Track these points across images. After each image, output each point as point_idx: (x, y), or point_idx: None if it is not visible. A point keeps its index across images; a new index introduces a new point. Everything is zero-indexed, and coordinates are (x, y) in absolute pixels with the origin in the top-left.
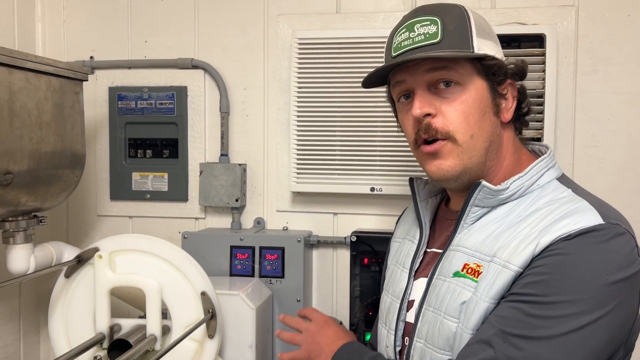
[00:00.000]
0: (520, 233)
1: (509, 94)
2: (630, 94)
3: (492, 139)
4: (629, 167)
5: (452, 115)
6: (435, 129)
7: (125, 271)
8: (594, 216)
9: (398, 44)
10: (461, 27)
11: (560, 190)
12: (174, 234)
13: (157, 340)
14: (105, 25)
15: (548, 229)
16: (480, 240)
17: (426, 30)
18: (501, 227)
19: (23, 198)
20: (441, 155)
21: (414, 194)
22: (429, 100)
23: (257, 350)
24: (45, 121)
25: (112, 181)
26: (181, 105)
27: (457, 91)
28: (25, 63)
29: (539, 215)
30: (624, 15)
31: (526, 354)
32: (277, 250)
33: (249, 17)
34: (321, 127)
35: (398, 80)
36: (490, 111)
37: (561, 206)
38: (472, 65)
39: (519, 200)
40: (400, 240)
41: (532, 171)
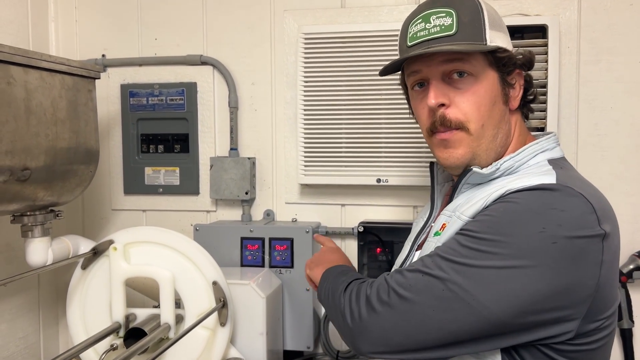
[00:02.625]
0: (484, 192)
1: (517, 83)
2: (633, 83)
3: (500, 126)
4: (632, 155)
5: (465, 106)
6: (449, 120)
7: (140, 262)
8: (550, 178)
9: (414, 33)
10: (475, 20)
11: (542, 167)
12: (186, 227)
13: (170, 329)
14: (116, 24)
15: (505, 186)
16: (458, 204)
17: (442, 22)
18: (480, 192)
19: (40, 193)
20: (453, 144)
21: (433, 177)
22: (443, 91)
23: (267, 337)
24: (60, 118)
25: (125, 176)
26: (191, 101)
27: (470, 82)
28: (40, 63)
29: (506, 179)
30: (627, 4)
31: (447, 276)
32: (286, 241)
33: (256, 13)
34: (327, 121)
35: (414, 70)
36: (500, 100)
37: (527, 174)
38: (485, 58)
39: (506, 177)
40: (416, 222)
41: (525, 152)
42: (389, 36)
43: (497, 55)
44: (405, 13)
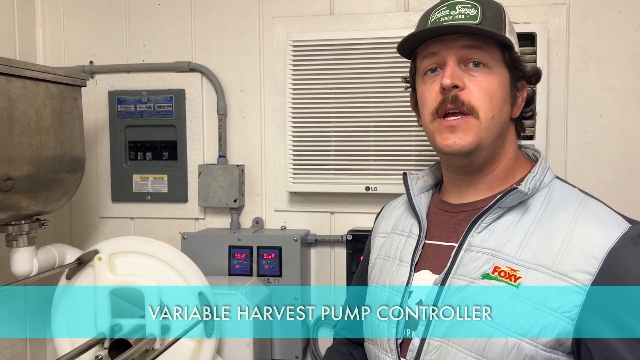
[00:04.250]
0: (552, 238)
1: (522, 93)
2: (622, 91)
3: (504, 127)
4: (621, 163)
5: (479, 93)
6: (462, 100)
7: (125, 273)
8: (612, 213)
9: (437, 18)
10: (498, 18)
11: (565, 186)
12: (174, 234)
13: (156, 340)
14: (104, 30)
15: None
16: (507, 242)
17: (467, 12)
18: (525, 229)
19: (24, 203)
20: (462, 130)
21: (408, 189)
22: (459, 74)
23: (254, 347)
24: (44, 127)
25: (113, 183)
26: (179, 108)
27: (485, 72)
28: (23, 72)
29: (561, 216)
30: (615, 12)
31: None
32: (274, 250)
33: (245, 20)
34: (316, 128)
35: (432, 51)
36: (508, 101)
37: (580, 208)
38: (501, 54)
39: (532, 198)
40: (386, 235)
41: (540, 170)
42: (377, 44)
43: (513, 55)
44: (394, 20)
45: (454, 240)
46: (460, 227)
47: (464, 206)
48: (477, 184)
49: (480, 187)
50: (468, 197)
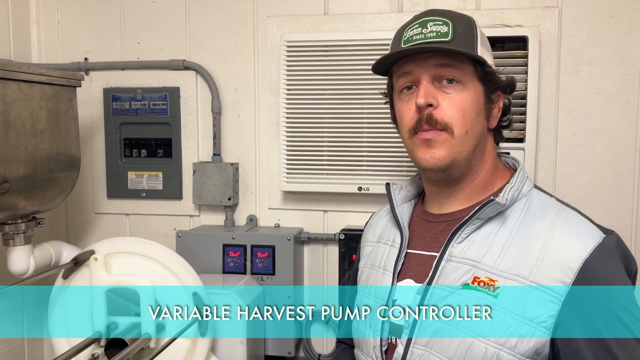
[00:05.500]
0: (530, 248)
1: (497, 103)
2: (611, 94)
3: (480, 140)
4: (609, 165)
5: (452, 110)
6: (435, 119)
7: (120, 273)
8: (588, 224)
9: (409, 37)
10: (469, 34)
11: (543, 196)
12: (169, 231)
13: (151, 339)
14: (98, 26)
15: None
16: (486, 252)
17: (438, 29)
18: (503, 239)
19: (21, 203)
20: (435, 145)
21: (391, 199)
22: (432, 92)
23: (248, 345)
24: (39, 129)
25: (108, 180)
26: (174, 105)
27: (458, 89)
28: (19, 75)
29: (538, 226)
30: (607, 16)
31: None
32: (268, 249)
33: (239, 18)
34: (310, 128)
35: (406, 71)
36: (483, 114)
37: (557, 218)
38: (474, 69)
39: (510, 209)
40: (373, 244)
41: (518, 180)
42: (371, 45)
43: (485, 70)
44: (388, 21)
45: (435, 249)
46: (441, 237)
47: (445, 216)
48: (456, 194)
49: (459, 197)
50: (448, 208)
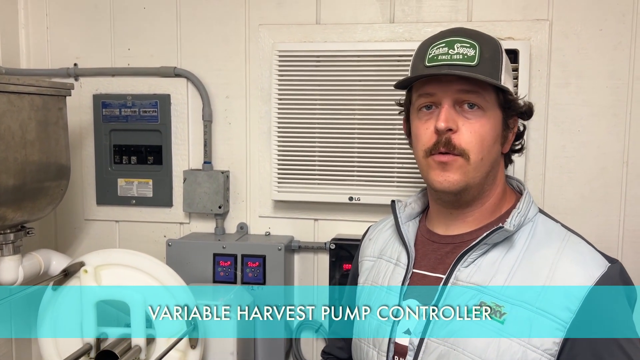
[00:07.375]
0: (536, 275)
1: (513, 129)
2: (600, 107)
3: (493, 165)
4: (598, 177)
5: (471, 136)
6: (454, 145)
7: (111, 285)
8: (594, 253)
9: (435, 55)
10: (495, 59)
11: (549, 222)
12: (159, 238)
13: (141, 351)
14: (88, 32)
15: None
16: (492, 278)
17: (465, 52)
18: (510, 265)
19: (10, 214)
20: (450, 169)
21: (396, 217)
22: (453, 117)
23: (238, 357)
24: (29, 140)
25: (98, 186)
26: (164, 113)
27: (479, 115)
28: (8, 87)
29: (544, 253)
30: (596, 29)
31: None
32: (258, 258)
33: (231, 26)
34: (301, 137)
35: (428, 91)
36: (499, 140)
37: (563, 245)
38: (496, 96)
39: (516, 234)
40: (374, 260)
41: (524, 205)
42: (362, 56)
43: (507, 97)
44: (380, 32)
45: (440, 271)
46: (447, 259)
47: (451, 238)
48: (464, 217)
49: (467, 220)
50: (455, 229)
